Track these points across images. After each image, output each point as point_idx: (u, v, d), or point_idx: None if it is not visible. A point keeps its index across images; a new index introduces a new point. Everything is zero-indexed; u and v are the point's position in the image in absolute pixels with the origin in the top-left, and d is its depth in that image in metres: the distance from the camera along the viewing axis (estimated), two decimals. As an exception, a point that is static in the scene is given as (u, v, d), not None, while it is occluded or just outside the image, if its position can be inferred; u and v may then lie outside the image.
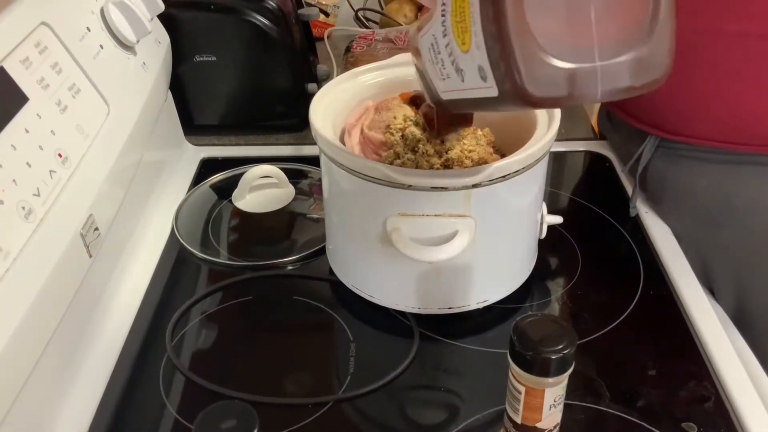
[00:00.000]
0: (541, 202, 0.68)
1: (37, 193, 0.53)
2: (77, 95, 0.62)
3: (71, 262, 0.56)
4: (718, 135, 0.71)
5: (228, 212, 0.83)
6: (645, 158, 0.78)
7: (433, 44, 0.48)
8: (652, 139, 0.77)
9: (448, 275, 0.64)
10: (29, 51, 0.57)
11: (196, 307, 0.70)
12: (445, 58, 0.47)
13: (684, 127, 0.73)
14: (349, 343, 0.65)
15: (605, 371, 0.62)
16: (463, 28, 0.43)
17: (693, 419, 0.57)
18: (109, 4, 0.71)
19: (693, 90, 0.70)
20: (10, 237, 0.49)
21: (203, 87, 0.95)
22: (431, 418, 0.59)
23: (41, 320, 0.52)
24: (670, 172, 0.77)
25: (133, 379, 0.63)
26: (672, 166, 0.76)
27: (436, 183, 0.58)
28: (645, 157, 0.78)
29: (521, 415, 0.47)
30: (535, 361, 0.45)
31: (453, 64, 0.46)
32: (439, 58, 0.48)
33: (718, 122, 0.71)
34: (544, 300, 0.70)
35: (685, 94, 0.71)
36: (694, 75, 0.69)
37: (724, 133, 0.71)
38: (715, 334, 0.65)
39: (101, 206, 0.62)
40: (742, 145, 0.70)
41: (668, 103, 0.73)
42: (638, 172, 0.79)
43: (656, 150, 0.77)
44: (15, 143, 0.52)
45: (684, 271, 0.72)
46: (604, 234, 0.79)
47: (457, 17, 0.43)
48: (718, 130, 0.71)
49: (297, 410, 0.59)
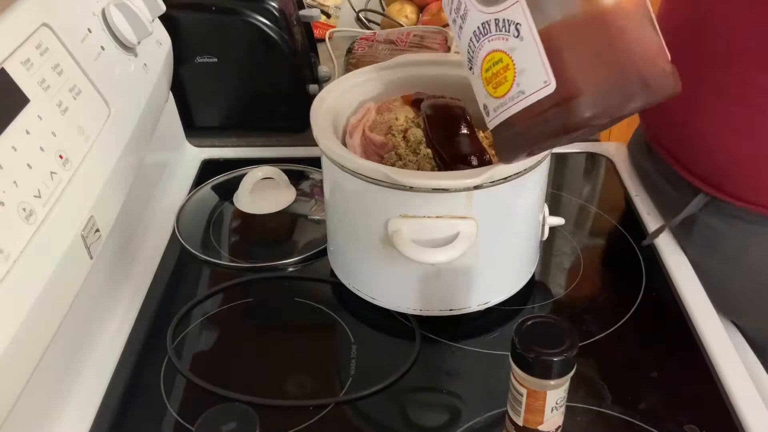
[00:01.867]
0: (542, 204, 0.68)
1: (37, 194, 0.53)
2: (78, 96, 0.61)
3: (72, 264, 0.56)
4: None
5: (229, 213, 0.83)
6: (691, 209, 0.72)
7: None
8: (703, 194, 0.71)
9: (450, 277, 0.64)
10: (30, 52, 0.57)
11: (197, 308, 0.70)
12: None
13: (743, 191, 0.67)
14: (351, 344, 0.65)
15: (607, 373, 0.62)
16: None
17: (695, 422, 0.57)
18: (110, 5, 0.71)
19: (756, 154, 0.66)
20: (10, 238, 0.49)
21: (204, 88, 0.95)
22: (433, 420, 0.59)
23: (42, 322, 0.52)
24: (723, 231, 0.70)
25: (134, 380, 0.62)
26: (725, 225, 0.70)
27: (437, 184, 0.58)
28: (691, 209, 0.72)
29: (523, 417, 0.47)
30: (536, 364, 0.45)
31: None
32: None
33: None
34: (545, 302, 0.70)
35: (749, 158, 0.66)
36: (759, 138, 0.65)
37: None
38: (717, 336, 0.65)
39: (102, 208, 0.61)
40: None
41: (727, 165, 0.68)
42: (678, 220, 0.74)
43: (707, 204, 0.71)
44: (16, 144, 0.52)
45: (686, 273, 0.72)
46: (605, 236, 0.79)
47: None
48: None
49: (298, 412, 0.59)
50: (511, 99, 0.45)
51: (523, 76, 0.44)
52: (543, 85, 0.43)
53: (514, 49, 0.44)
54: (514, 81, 0.44)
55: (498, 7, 0.44)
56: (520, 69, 0.44)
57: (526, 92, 0.44)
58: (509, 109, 0.46)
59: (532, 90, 0.44)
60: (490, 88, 0.46)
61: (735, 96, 0.64)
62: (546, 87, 0.43)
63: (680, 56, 0.47)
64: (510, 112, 0.46)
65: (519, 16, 0.43)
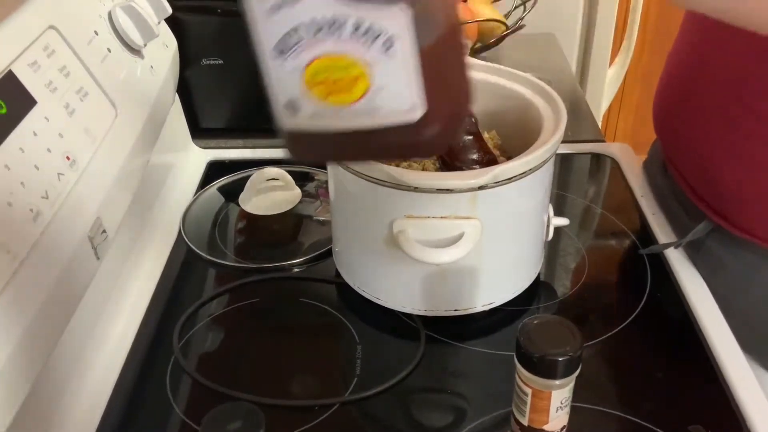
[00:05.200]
0: (547, 204, 0.68)
1: (45, 195, 0.53)
2: (85, 98, 0.62)
3: (79, 265, 0.57)
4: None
5: (235, 215, 0.84)
6: (696, 234, 0.71)
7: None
8: (708, 220, 0.70)
9: (455, 277, 0.64)
10: (37, 54, 0.58)
11: (203, 309, 0.70)
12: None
13: (747, 222, 0.66)
14: (356, 345, 0.65)
15: (612, 373, 0.62)
16: None
17: (701, 422, 0.57)
18: (116, 8, 0.72)
19: (762, 186, 0.64)
20: (18, 239, 0.49)
21: (210, 90, 0.95)
22: (438, 420, 0.59)
23: (49, 322, 0.52)
24: (727, 261, 0.69)
25: (140, 380, 0.63)
26: (729, 255, 0.69)
27: (442, 185, 0.58)
28: (696, 234, 0.71)
29: (528, 417, 0.47)
30: (541, 363, 0.44)
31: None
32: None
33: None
34: (550, 302, 0.70)
35: (754, 190, 0.64)
36: (765, 170, 0.63)
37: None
38: (723, 336, 0.65)
39: (109, 209, 0.62)
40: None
41: (733, 194, 0.66)
42: (683, 242, 0.73)
43: (713, 231, 0.70)
44: (23, 146, 0.52)
45: (691, 273, 0.72)
46: (610, 237, 0.79)
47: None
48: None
49: (303, 412, 0.59)
50: (351, 112, 0.38)
51: (381, 95, 0.37)
52: (407, 109, 0.38)
53: (376, 63, 0.36)
54: (365, 95, 0.38)
55: (369, 8, 0.35)
56: (378, 85, 0.37)
57: (379, 112, 0.38)
58: (346, 121, 0.39)
59: (389, 110, 0.38)
60: (316, 88, 0.38)
61: (745, 127, 0.63)
62: (410, 112, 0.38)
63: (694, 84, 0.46)
64: (340, 125, 0.39)
65: (399, 28, 0.35)
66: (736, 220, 0.67)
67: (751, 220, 0.65)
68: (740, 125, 0.63)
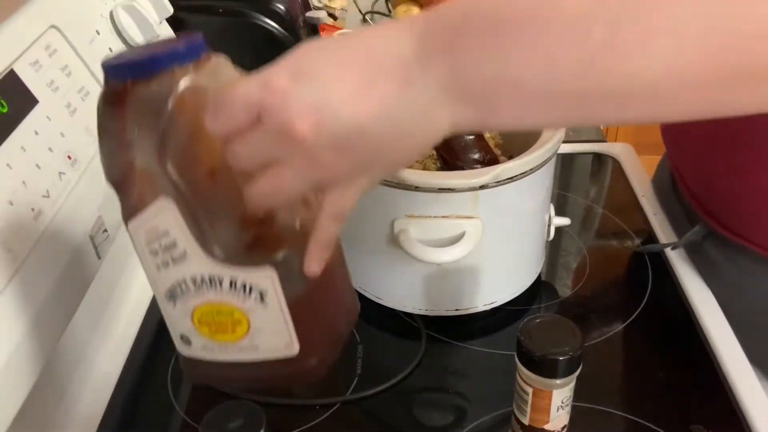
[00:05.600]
0: (548, 204, 0.68)
1: (46, 194, 0.53)
2: (86, 98, 0.62)
3: (80, 264, 0.57)
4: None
5: (236, 214, 0.83)
6: (692, 236, 0.71)
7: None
8: (704, 222, 0.70)
9: (456, 277, 0.64)
10: (39, 54, 0.58)
11: (204, 308, 0.70)
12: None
13: (740, 227, 0.65)
14: (357, 344, 0.65)
15: (613, 373, 0.62)
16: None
17: (702, 422, 0.57)
18: (118, 7, 0.72)
19: (756, 193, 0.63)
20: (19, 238, 0.49)
21: (211, 90, 0.95)
22: (438, 419, 0.59)
23: (51, 321, 0.52)
24: (722, 265, 0.69)
25: (141, 379, 0.63)
26: (724, 259, 0.69)
27: (443, 184, 0.58)
28: (692, 236, 0.71)
29: (529, 416, 0.47)
30: (542, 363, 0.45)
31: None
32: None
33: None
34: (551, 302, 0.70)
35: (750, 196, 0.64)
36: (760, 177, 0.62)
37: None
38: (724, 336, 0.65)
39: (110, 208, 0.62)
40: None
41: (726, 198, 0.66)
42: (679, 244, 0.73)
43: (709, 235, 0.69)
44: (25, 145, 0.53)
45: (692, 273, 0.72)
46: (612, 236, 0.79)
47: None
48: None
49: (304, 411, 0.59)
50: (236, 348, 0.44)
51: (261, 335, 0.43)
52: (284, 347, 0.43)
53: (253, 310, 0.42)
54: (246, 336, 0.43)
55: (240, 269, 0.41)
56: (256, 327, 0.42)
57: (260, 349, 0.43)
58: (232, 355, 0.44)
59: (269, 348, 0.43)
60: (203, 328, 0.44)
61: (746, 136, 0.63)
62: (288, 349, 0.43)
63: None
64: (228, 357, 0.44)
65: (267, 285, 0.41)
66: (731, 225, 0.66)
67: (745, 225, 0.65)
68: (736, 129, 0.63)
